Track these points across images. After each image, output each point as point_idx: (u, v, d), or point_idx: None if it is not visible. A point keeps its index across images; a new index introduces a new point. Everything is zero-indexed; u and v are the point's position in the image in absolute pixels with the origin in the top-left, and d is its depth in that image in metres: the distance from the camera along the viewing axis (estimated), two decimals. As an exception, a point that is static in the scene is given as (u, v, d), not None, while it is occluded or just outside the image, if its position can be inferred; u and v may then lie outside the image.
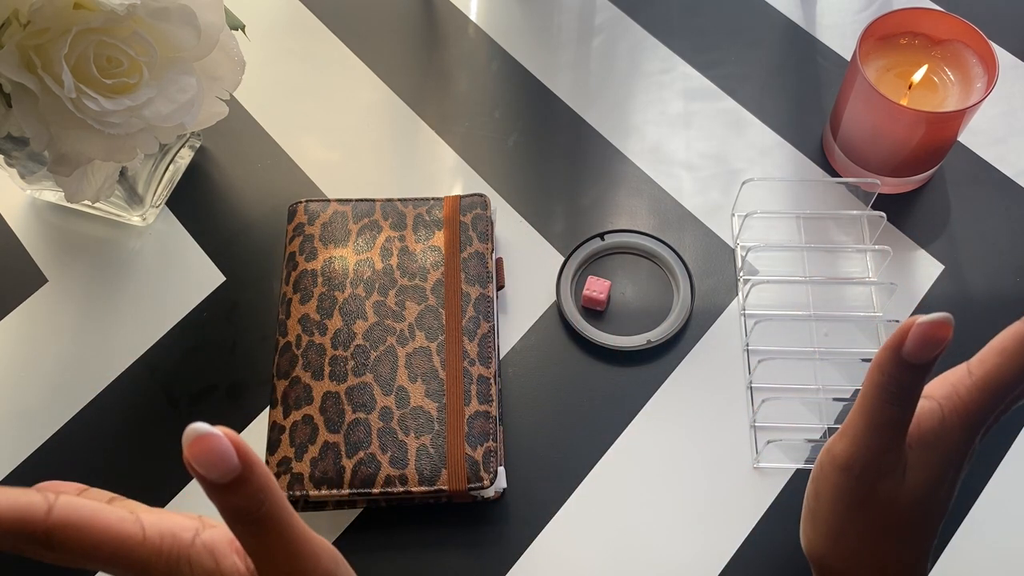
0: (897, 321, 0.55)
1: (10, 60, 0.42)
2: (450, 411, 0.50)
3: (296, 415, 0.50)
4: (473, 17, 0.71)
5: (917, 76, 0.57)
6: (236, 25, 0.54)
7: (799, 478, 0.52)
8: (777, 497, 0.51)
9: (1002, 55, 0.67)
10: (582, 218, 0.61)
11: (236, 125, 0.65)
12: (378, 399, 0.50)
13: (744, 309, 0.57)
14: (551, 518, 0.51)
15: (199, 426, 0.26)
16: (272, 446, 0.50)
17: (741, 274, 0.58)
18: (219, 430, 0.26)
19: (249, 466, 0.27)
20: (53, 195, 0.61)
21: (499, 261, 0.58)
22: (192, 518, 0.31)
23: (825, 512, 0.38)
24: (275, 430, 0.50)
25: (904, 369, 0.32)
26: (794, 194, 0.62)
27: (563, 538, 0.50)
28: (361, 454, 0.49)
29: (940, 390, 0.36)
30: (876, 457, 0.35)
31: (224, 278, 0.59)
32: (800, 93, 0.67)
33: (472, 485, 0.48)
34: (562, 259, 0.59)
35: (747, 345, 0.56)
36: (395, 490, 0.48)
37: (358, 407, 0.50)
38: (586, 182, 0.63)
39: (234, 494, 0.27)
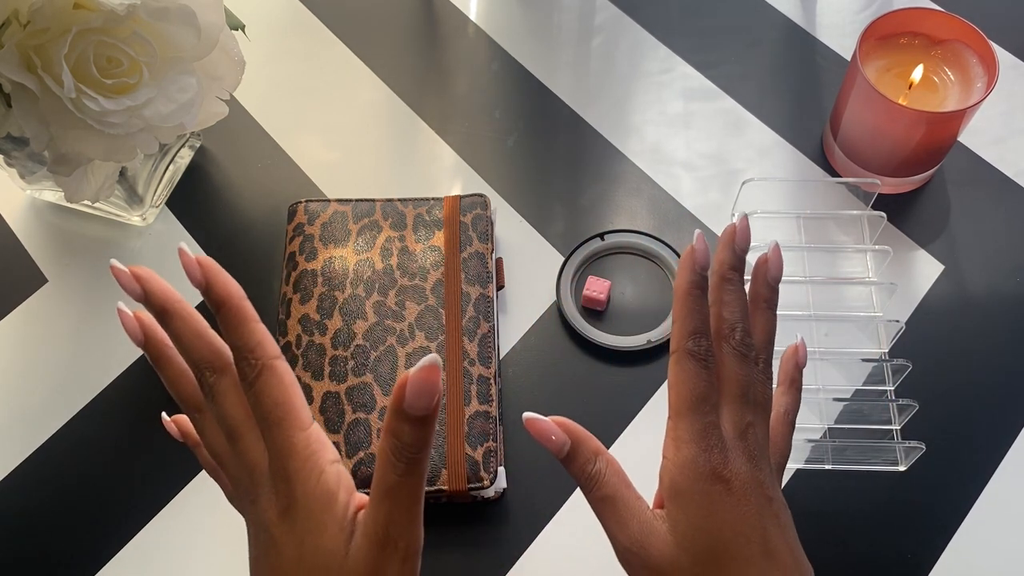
0: (897, 321, 0.55)
1: (10, 60, 0.42)
2: (450, 411, 0.50)
3: (296, 415, 0.50)
4: (473, 17, 0.71)
5: (915, 75, 0.57)
6: (236, 25, 0.54)
7: (799, 478, 0.52)
8: (777, 497, 0.51)
9: (1002, 55, 0.67)
10: (582, 218, 0.61)
11: (236, 125, 0.65)
12: (378, 399, 0.50)
13: (744, 309, 0.57)
14: (551, 518, 0.51)
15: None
16: (272, 446, 0.50)
17: (741, 274, 0.58)
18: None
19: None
20: (53, 195, 0.61)
21: (499, 261, 0.58)
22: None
23: None
24: (275, 430, 0.50)
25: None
26: (794, 194, 0.62)
27: (563, 538, 0.50)
28: (361, 454, 0.49)
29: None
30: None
31: (224, 278, 0.59)
32: (800, 93, 0.67)
33: (472, 485, 0.48)
34: (562, 259, 0.59)
35: (747, 345, 0.55)
36: (395, 490, 0.48)
37: (358, 407, 0.50)
38: (586, 182, 0.63)
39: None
